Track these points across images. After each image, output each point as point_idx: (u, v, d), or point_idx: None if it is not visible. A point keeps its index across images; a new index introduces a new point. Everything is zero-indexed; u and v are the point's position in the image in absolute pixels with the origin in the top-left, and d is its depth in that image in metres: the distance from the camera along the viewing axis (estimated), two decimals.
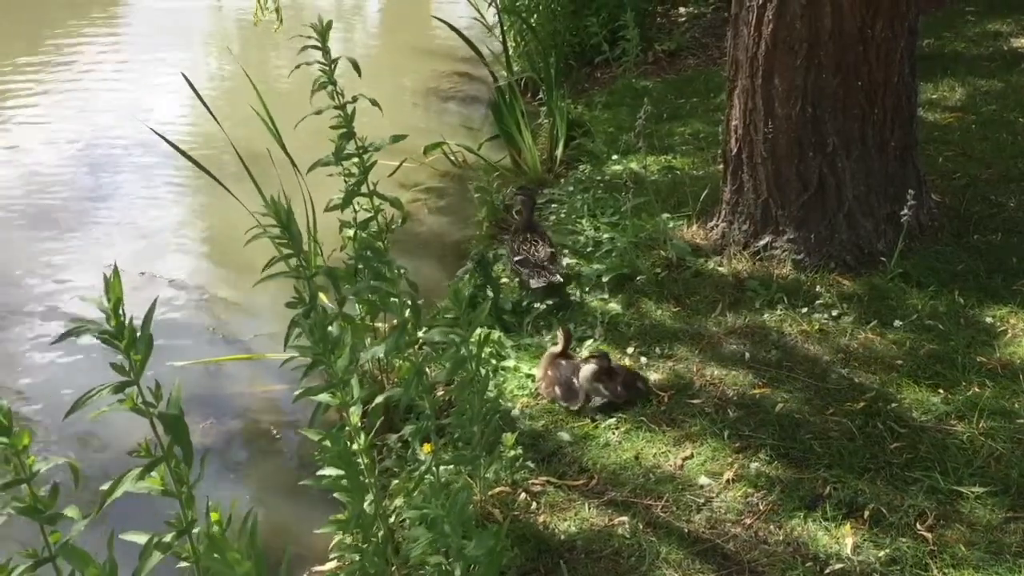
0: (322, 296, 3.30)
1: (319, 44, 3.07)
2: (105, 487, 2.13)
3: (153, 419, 2.09)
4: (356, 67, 3.23)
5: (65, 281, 5.35)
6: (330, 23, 3.12)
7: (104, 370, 2.14)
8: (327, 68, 3.16)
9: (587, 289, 4.40)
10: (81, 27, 10.97)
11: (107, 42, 10.44)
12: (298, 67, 3.31)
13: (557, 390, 3.67)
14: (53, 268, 5.53)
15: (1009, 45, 6.97)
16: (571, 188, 5.52)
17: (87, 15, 11.57)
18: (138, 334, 2.08)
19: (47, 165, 7.03)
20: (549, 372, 3.72)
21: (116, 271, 2.05)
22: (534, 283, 4.29)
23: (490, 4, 7.77)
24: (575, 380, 3.64)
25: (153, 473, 2.14)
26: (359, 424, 2.63)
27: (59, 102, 8.50)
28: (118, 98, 8.48)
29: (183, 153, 4.37)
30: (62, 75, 9.27)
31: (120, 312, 2.03)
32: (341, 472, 2.60)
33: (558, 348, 3.78)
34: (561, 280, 4.32)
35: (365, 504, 2.69)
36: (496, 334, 4.09)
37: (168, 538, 2.21)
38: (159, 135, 4.54)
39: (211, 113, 4.38)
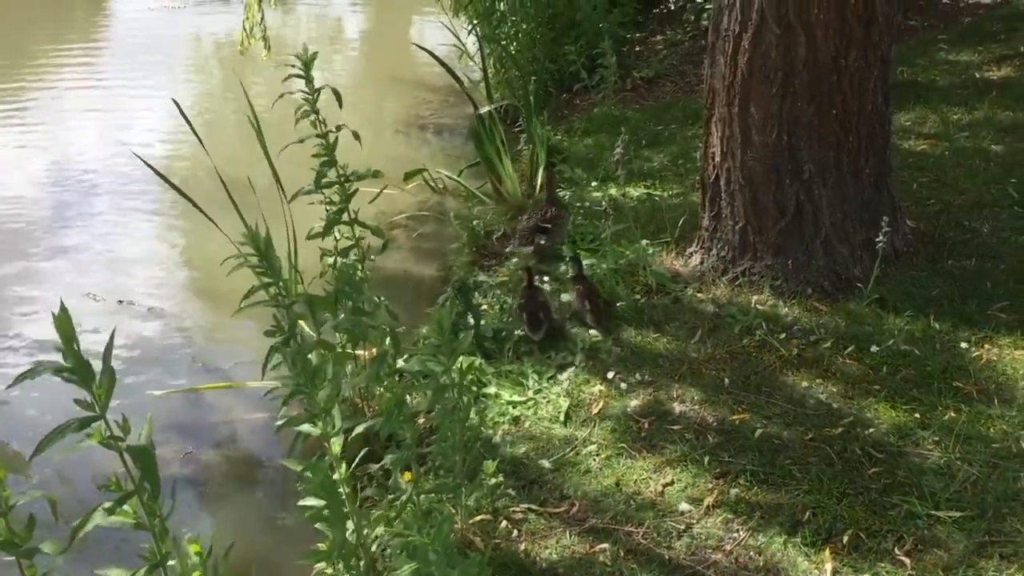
0: (302, 324, 3.31)
1: (303, 73, 3.09)
2: (77, 522, 2.12)
3: (122, 453, 2.08)
4: (338, 98, 3.25)
5: (41, 309, 5.31)
6: (315, 54, 3.15)
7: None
8: (310, 97, 3.18)
9: (567, 316, 4.41)
10: (60, 52, 10.96)
11: (86, 66, 10.43)
12: (281, 96, 3.33)
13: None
14: (30, 295, 5.49)
15: (981, 73, 7.09)
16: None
17: (66, 40, 11.57)
18: (100, 367, 2.07)
19: (23, 190, 6.99)
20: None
21: (64, 309, 2.02)
22: (523, 250, 4.96)
23: (470, 32, 7.84)
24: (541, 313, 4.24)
25: (126, 506, 2.12)
26: (340, 454, 2.63)
27: (35, 126, 8.47)
28: (96, 123, 8.47)
29: (168, 182, 4.37)
30: (39, 99, 9.26)
31: (76, 348, 2.01)
32: (322, 503, 2.59)
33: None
34: (542, 246, 4.91)
35: (347, 534, 2.68)
36: (477, 361, 4.10)
37: (142, 573, 2.20)
38: (144, 162, 4.54)
39: (199, 139, 4.39)
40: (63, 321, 2.02)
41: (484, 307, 4.59)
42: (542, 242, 4.95)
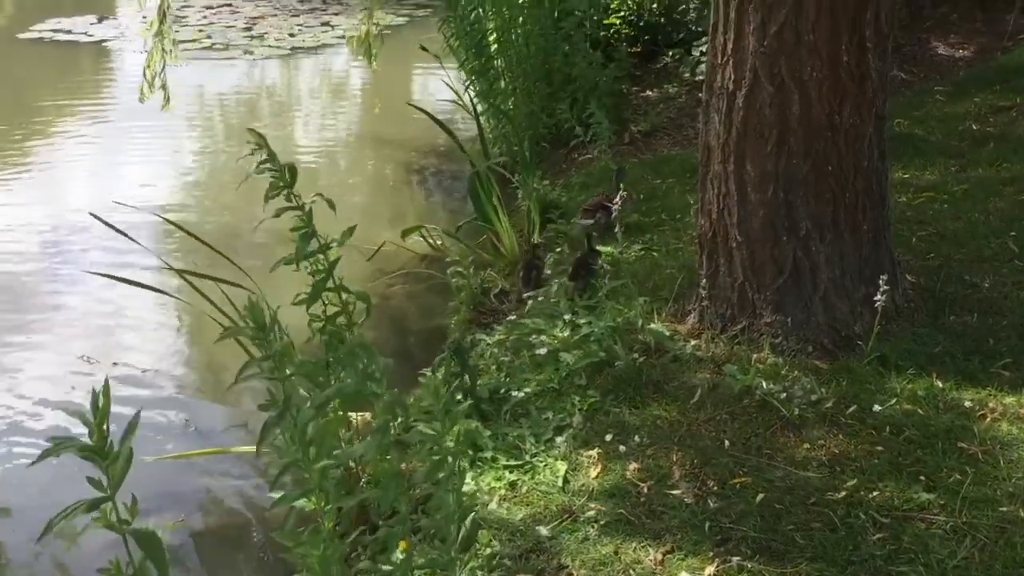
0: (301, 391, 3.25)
1: (265, 153, 3.06)
2: None
3: (125, 536, 2.03)
4: (293, 174, 3.17)
5: (34, 370, 5.27)
6: (264, 137, 3.11)
7: (73, 479, 2.09)
8: (278, 174, 3.13)
9: (564, 376, 4.35)
10: (59, 111, 11.05)
11: (87, 124, 10.50)
12: (246, 179, 3.27)
13: None
14: (24, 357, 5.44)
15: (978, 125, 7.10)
16: (548, 271, 5.52)
17: (70, 97, 11.67)
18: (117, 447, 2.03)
19: (16, 249, 6.97)
20: None
21: (107, 387, 1.99)
22: (581, 222, 5.77)
23: (466, 89, 7.89)
24: None
25: None
26: (333, 527, 2.57)
27: (20, 188, 8.47)
28: (94, 181, 8.49)
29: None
30: (38, 156, 9.30)
31: (105, 428, 1.98)
32: None
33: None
34: (591, 224, 5.67)
35: None
36: (473, 424, 4.04)
37: None
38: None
39: (125, 235, 4.38)
40: (104, 402, 1.98)
41: (481, 367, 4.54)
42: (601, 220, 5.64)
